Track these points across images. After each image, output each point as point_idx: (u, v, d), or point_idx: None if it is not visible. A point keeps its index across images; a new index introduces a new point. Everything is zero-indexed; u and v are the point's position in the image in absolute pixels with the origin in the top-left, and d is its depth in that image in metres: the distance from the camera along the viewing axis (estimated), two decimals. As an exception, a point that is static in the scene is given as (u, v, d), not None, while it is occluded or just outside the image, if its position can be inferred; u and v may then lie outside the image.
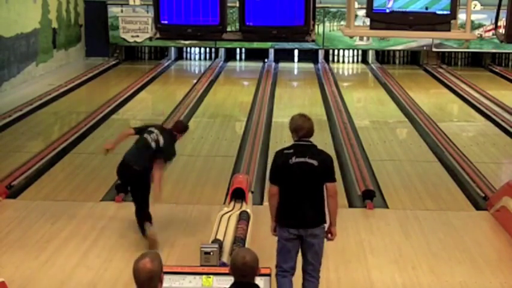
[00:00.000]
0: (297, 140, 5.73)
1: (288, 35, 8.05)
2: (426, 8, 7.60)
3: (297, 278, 5.80)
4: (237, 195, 8.23)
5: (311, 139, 5.76)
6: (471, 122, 14.15)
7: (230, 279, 4.28)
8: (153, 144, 7.43)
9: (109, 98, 15.17)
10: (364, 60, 21.43)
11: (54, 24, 18.22)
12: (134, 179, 7.49)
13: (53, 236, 7.56)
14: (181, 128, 7.81)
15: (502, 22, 8.25)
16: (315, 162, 5.62)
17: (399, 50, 21.32)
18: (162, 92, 17.11)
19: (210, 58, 21.59)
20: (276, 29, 7.92)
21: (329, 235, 5.81)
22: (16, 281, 6.42)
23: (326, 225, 5.77)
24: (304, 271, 5.76)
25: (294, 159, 5.61)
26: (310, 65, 20.81)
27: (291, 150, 5.67)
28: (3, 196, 8.75)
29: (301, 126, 5.71)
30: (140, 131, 7.66)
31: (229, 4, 7.87)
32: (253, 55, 21.50)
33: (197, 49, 21.63)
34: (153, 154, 7.43)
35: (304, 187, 5.63)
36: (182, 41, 19.59)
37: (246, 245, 6.44)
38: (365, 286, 6.57)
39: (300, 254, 5.79)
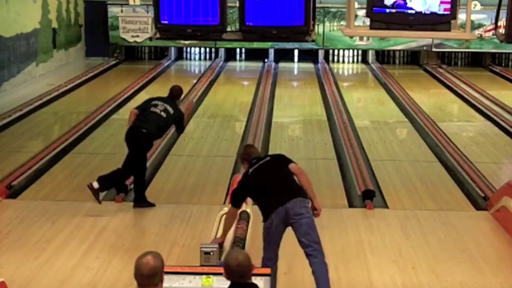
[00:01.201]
0: (250, 162, 6.25)
1: (288, 35, 8.05)
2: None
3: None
4: (237, 195, 8.22)
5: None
6: (471, 122, 14.14)
7: (230, 279, 4.29)
8: (163, 114, 8.35)
9: (109, 98, 15.15)
10: (364, 60, 21.41)
11: (54, 24, 18.20)
12: (135, 141, 8.21)
13: (53, 236, 7.56)
14: (179, 92, 8.88)
15: (502, 22, 8.25)
16: (268, 159, 6.30)
17: (399, 50, 21.30)
18: (162, 92, 16.85)
19: (210, 58, 21.57)
20: (276, 29, 7.92)
21: (315, 211, 6.05)
22: (16, 281, 6.42)
23: (309, 204, 6.00)
24: (306, 255, 5.89)
25: (251, 170, 6.18)
26: (310, 65, 20.79)
27: (248, 169, 6.23)
28: (3, 196, 8.75)
29: (251, 152, 6.39)
30: (143, 108, 8.47)
31: (229, 4, 7.88)
32: (253, 55, 21.47)
33: (197, 49, 21.60)
34: (165, 122, 8.37)
35: (270, 179, 6.05)
36: (182, 41, 19.55)
37: (246, 245, 6.44)
38: (365, 286, 6.57)
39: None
